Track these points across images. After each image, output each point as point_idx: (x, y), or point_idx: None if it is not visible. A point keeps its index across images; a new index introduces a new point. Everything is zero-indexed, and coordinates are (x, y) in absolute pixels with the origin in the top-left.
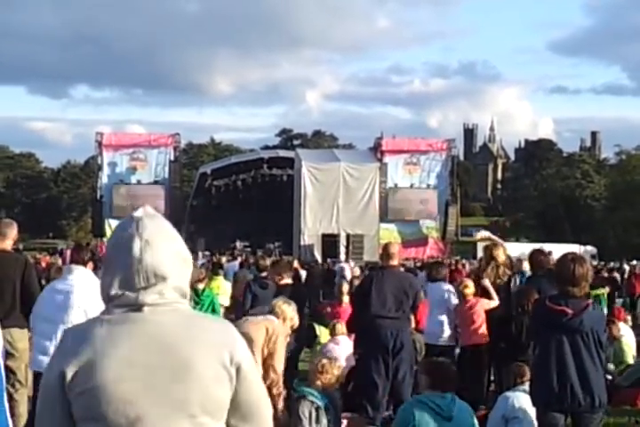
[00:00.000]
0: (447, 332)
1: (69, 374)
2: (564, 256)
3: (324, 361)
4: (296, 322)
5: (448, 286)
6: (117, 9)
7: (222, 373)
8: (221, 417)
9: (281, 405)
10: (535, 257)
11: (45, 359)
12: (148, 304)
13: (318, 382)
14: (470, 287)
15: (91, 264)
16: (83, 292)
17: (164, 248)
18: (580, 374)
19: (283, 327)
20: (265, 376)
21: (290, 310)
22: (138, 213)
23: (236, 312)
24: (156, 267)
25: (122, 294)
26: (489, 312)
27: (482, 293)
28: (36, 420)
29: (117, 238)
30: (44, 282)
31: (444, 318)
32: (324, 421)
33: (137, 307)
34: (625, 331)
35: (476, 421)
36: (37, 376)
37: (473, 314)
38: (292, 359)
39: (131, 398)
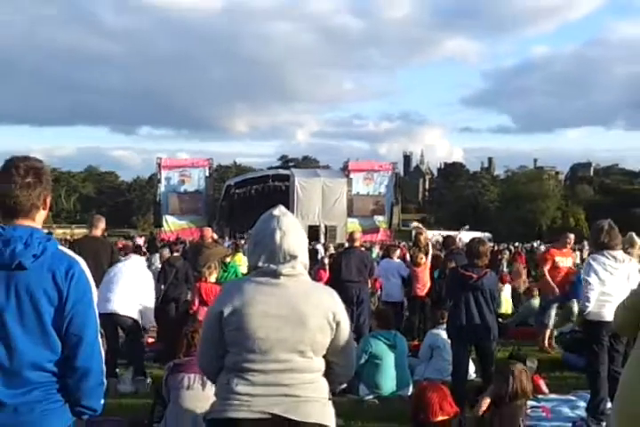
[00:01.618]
0: (398, 293)
1: (225, 314)
2: (472, 239)
3: None
4: None
5: (399, 262)
6: (172, 74)
7: (326, 326)
8: (322, 353)
9: None
10: (447, 240)
11: None
12: (283, 274)
13: None
14: (423, 258)
15: None
16: None
17: (296, 237)
18: (480, 317)
19: None
20: None
21: None
22: (276, 213)
23: None
24: (291, 249)
25: (267, 266)
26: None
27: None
28: (201, 342)
29: (263, 229)
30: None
31: (395, 283)
32: None
33: (276, 275)
34: (506, 290)
35: (406, 348)
36: None
37: (424, 276)
38: None
39: (264, 337)
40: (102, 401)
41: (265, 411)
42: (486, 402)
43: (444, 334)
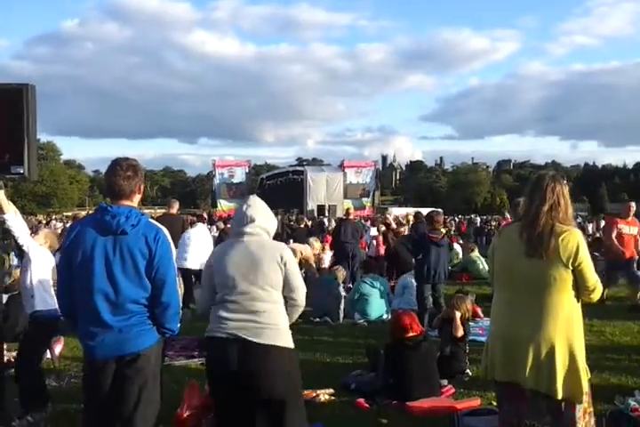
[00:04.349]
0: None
1: (213, 265)
2: (432, 211)
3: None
4: (318, 250)
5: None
6: (221, 102)
7: (276, 266)
8: (278, 288)
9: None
10: (417, 214)
11: None
12: (245, 233)
13: None
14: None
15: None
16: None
17: (257, 209)
18: (438, 264)
19: (310, 250)
20: (302, 262)
21: (317, 245)
22: (250, 198)
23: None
24: (252, 216)
25: (236, 228)
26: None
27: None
28: (200, 289)
29: (238, 207)
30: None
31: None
32: None
33: (241, 234)
34: (456, 247)
35: (388, 288)
36: None
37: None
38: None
39: (232, 276)
40: (178, 325)
41: (233, 333)
42: (440, 321)
43: (411, 279)
